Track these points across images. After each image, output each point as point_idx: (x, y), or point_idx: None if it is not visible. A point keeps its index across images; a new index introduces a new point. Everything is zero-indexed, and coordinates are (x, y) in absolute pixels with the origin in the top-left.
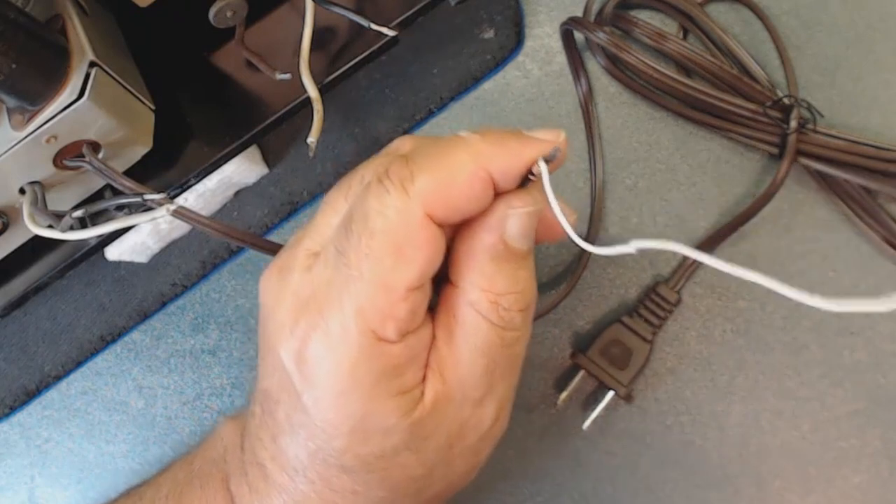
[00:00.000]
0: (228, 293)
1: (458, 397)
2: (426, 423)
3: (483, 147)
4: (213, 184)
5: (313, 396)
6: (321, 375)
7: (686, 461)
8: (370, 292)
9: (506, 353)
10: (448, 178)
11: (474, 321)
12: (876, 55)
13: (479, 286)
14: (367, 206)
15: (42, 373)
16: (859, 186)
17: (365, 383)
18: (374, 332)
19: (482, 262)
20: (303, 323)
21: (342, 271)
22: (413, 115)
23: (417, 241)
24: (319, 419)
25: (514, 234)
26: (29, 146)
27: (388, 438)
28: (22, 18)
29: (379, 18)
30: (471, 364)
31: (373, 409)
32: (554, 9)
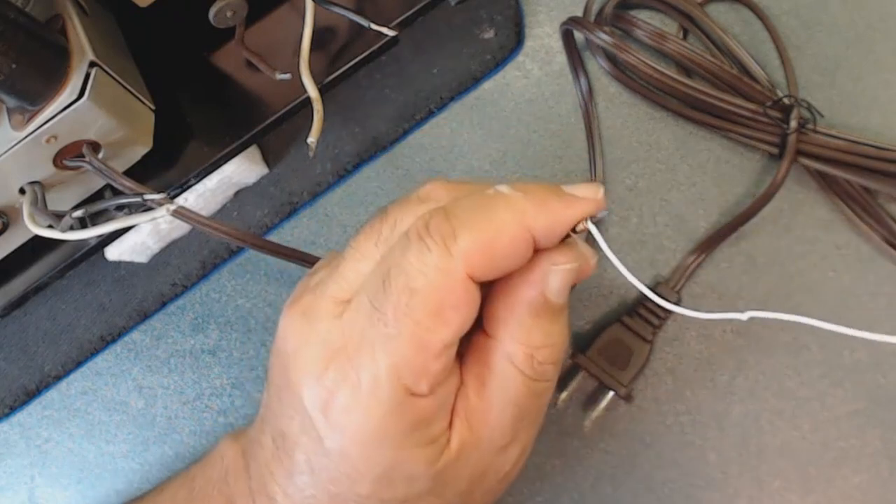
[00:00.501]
0: (228, 293)
1: (485, 446)
2: (450, 471)
3: (527, 207)
4: (213, 184)
5: (339, 445)
6: (349, 426)
7: (686, 461)
8: (406, 351)
9: (535, 402)
10: (492, 238)
11: (509, 373)
12: (876, 55)
13: (517, 339)
14: (406, 262)
15: (42, 373)
16: (859, 186)
17: (394, 435)
18: (407, 388)
19: (521, 316)
20: (332, 373)
21: (378, 328)
22: (413, 115)
23: (458, 301)
24: (344, 466)
25: (555, 290)
26: (29, 146)
27: (412, 485)
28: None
29: (379, 18)
30: (500, 414)
31: (401, 460)
32: (554, 9)
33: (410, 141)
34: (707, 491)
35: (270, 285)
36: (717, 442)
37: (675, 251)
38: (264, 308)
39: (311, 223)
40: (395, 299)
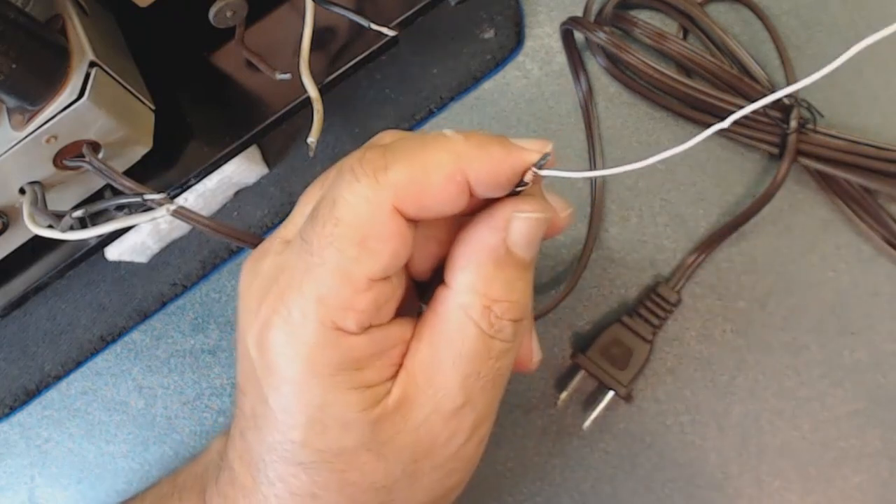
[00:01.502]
0: (228, 293)
1: (429, 404)
2: (388, 424)
3: (464, 148)
4: (213, 184)
5: (273, 384)
6: (281, 362)
7: (686, 461)
8: (331, 281)
9: (490, 365)
10: (422, 173)
11: (462, 324)
12: (876, 55)
13: (474, 288)
14: (335, 193)
15: (42, 373)
16: (859, 186)
17: (323, 372)
18: (334, 322)
19: (481, 264)
20: (265, 307)
21: (304, 258)
22: (413, 115)
23: (383, 233)
24: (278, 408)
25: (519, 241)
26: (29, 146)
27: (346, 433)
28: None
29: (379, 18)
30: (450, 370)
31: (331, 400)
32: (554, 9)
33: None
34: (707, 491)
35: None
36: (717, 442)
37: (675, 251)
38: None
39: None
40: (319, 229)
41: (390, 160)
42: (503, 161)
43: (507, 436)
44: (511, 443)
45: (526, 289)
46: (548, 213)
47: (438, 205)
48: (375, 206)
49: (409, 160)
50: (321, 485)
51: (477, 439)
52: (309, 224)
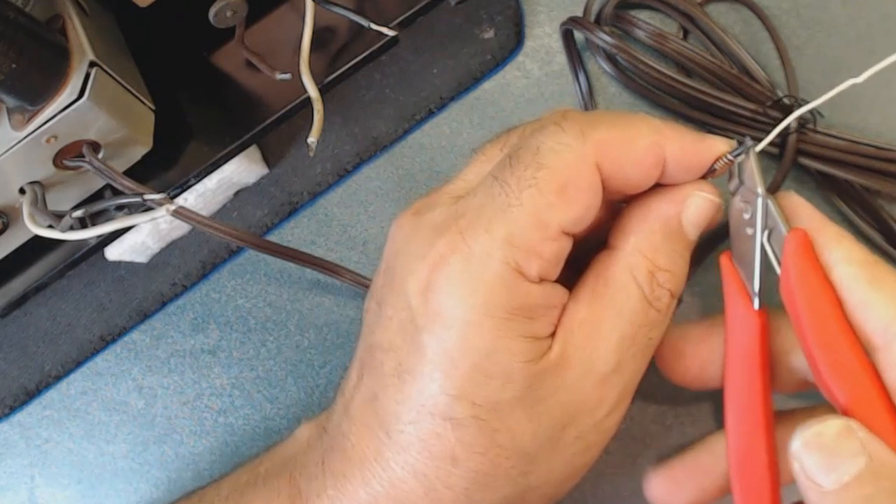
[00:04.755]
0: (228, 293)
1: (584, 365)
2: (546, 381)
3: (664, 128)
4: (213, 184)
5: (435, 330)
6: (451, 303)
7: None
8: (524, 223)
9: (644, 333)
10: (626, 137)
11: (625, 284)
12: (876, 55)
13: (642, 251)
14: (537, 141)
15: (42, 373)
16: (859, 186)
17: (497, 314)
18: (518, 265)
19: (653, 231)
20: (438, 248)
21: (497, 199)
22: (413, 115)
23: (583, 185)
24: (438, 356)
25: (692, 218)
26: (29, 146)
27: (506, 386)
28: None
29: (379, 18)
30: (608, 330)
31: (500, 346)
32: (554, 9)
33: (410, 141)
34: None
35: (270, 285)
36: None
37: None
38: (264, 308)
39: (311, 223)
40: (520, 171)
41: (595, 120)
42: (697, 144)
43: None
44: None
45: (685, 269)
46: (719, 203)
47: (634, 173)
48: (580, 158)
49: (614, 124)
50: (467, 445)
51: (618, 414)
52: (507, 167)
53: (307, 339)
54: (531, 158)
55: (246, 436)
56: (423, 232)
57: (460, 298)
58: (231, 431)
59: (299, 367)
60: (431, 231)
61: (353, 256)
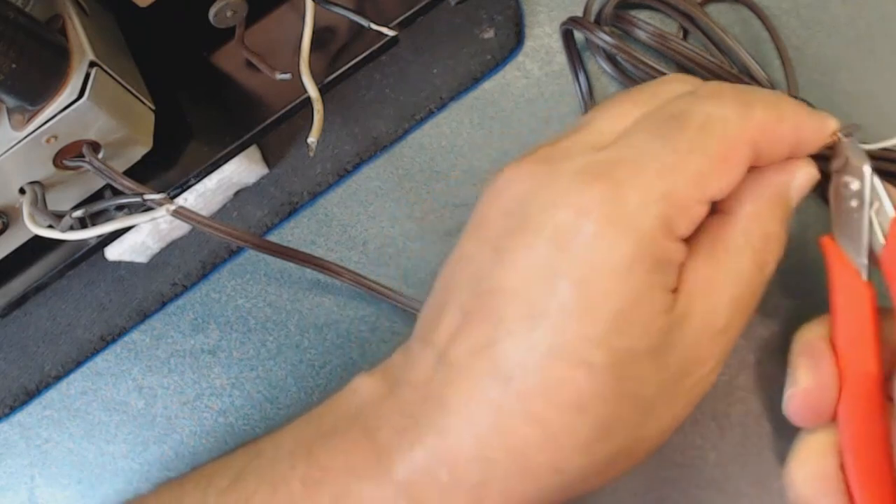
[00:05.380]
0: (228, 293)
1: (702, 319)
2: (674, 333)
3: (802, 107)
4: (213, 184)
5: (578, 275)
6: (598, 249)
7: (686, 461)
8: (686, 182)
9: (750, 295)
10: (777, 119)
11: (741, 248)
12: (876, 55)
13: (758, 217)
14: (706, 109)
15: (42, 373)
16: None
17: (646, 265)
18: (671, 220)
19: (767, 198)
20: (593, 192)
21: (660, 156)
22: (413, 115)
23: (741, 156)
24: (580, 301)
25: (798, 188)
26: (29, 146)
27: (645, 335)
28: (22, 18)
29: (379, 18)
30: (725, 288)
31: (644, 296)
32: (554, 9)
33: (410, 141)
34: (707, 491)
35: (270, 285)
36: (717, 442)
37: None
38: (264, 308)
39: (311, 223)
40: (691, 135)
41: (751, 99)
42: (818, 122)
43: None
44: None
45: (784, 238)
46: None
47: (779, 150)
48: (743, 132)
49: (767, 103)
50: (597, 392)
51: (715, 375)
52: (675, 128)
53: (307, 339)
54: (701, 124)
55: (246, 436)
56: (565, 177)
57: (611, 245)
58: (231, 431)
59: (299, 367)
60: (576, 177)
61: (353, 256)
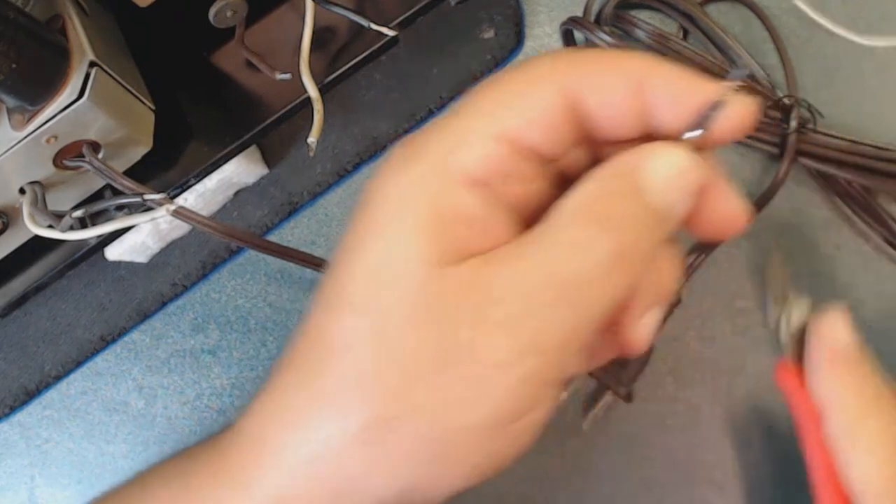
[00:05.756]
0: (228, 293)
1: (487, 297)
2: (442, 296)
3: (650, 58)
4: (213, 184)
5: (360, 216)
6: (381, 186)
7: (686, 461)
8: (472, 116)
9: (566, 281)
10: (610, 59)
11: (559, 222)
12: (876, 55)
13: (588, 193)
14: (532, 61)
15: (42, 373)
16: (859, 186)
17: (415, 200)
18: (453, 154)
19: (609, 176)
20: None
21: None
22: (413, 115)
23: (544, 92)
24: (349, 242)
25: (655, 177)
26: (29, 146)
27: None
28: (22, 18)
29: (379, 18)
30: (524, 268)
31: (406, 235)
32: (554, 9)
33: None
34: (707, 491)
35: (270, 285)
36: (716, 442)
37: None
38: (264, 308)
39: (311, 223)
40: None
41: (579, 49)
42: (692, 77)
43: None
44: None
45: (643, 232)
46: (698, 167)
47: (613, 98)
48: (549, 68)
49: (601, 51)
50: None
51: (522, 371)
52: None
53: None
54: (515, 69)
55: None
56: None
57: (393, 179)
58: None
59: None
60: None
61: None
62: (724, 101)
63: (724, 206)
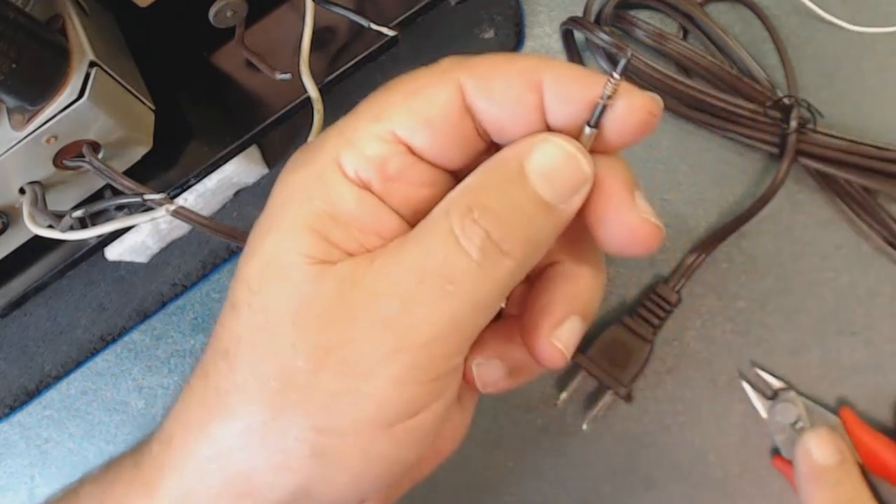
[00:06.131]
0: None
1: (366, 293)
2: (320, 292)
3: (547, 57)
4: (213, 184)
5: (261, 217)
6: (275, 188)
7: (686, 461)
8: (362, 115)
9: (441, 274)
10: (501, 61)
11: (435, 217)
12: (876, 55)
13: (465, 187)
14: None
15: (42, 373)
16: (859, 186)
17: (299, 199)
18: (338, 156)
19: (487, 170)
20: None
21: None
22: None
23: (436, 94)
24: (248, 242)
25: (539, 168)
26: (29, 146)
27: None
28: (22, 18)
29: (379, 18)
30: (401, 262)
31: (288, 232)
32: (554, 9)
33: None
34: (707, 491)
35: None
36: (717, 442)
37: (675, 251)
38: None
39: None
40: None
41: (471, 58)
42: (583, 74)
43: (506, 436)
44: (511, 443)
45: (527, 225)
46: (584, 159)
47: (506, 97)
48: (441, 71)
49: (488, 56)
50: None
51: (397, 370)
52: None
53: None
54: (384, 87)
55: None
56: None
57: (283, 180)
58: None
59: None
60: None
61: None
62: (612, 99)
63: (628, 218)
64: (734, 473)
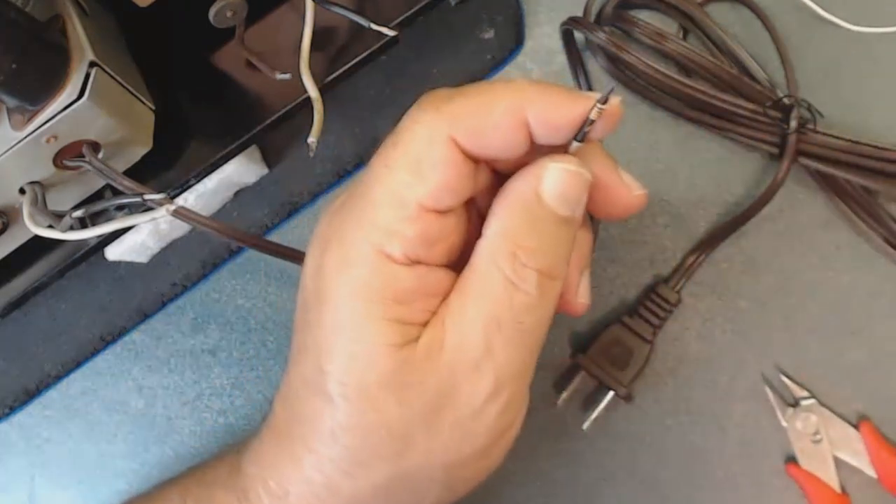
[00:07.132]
0: (228, 293)
1: (453, 352)
2: (413, 368)
3: (527, 87)
4: (213, 184)
5: (319, 311)
6: (330, 285)
7: (686, 461)
8: (383, 202)
9: (511, 316)
10: (483, 104)
11: (487, 269)
12: (876, 55)
13: (502, 232)
14: (400, 122)
15: (42, 373)
16: (859, 186)
17: (364, 297)
18: (381, 246)
19: (512, 211)
20: (328, 233)
21: (364, 182)
22: None
23: (437, 158)
24: (319, 335)
25: (552, 191)
26: (29, 146)
27: (370, 368)
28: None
29: (379, 18)
30: (473, 316)
31: (365, 328)
32: (554, 9)
33: None
34: (707, 491)
35: (270, 285)
36: (717, 442)
37: (675, 251)
38: (264, 308)
39: (311, 223)
40: (381, 151)
41: (455, 94)
42: (565, 100)
43: None
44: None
45: (559, 245)
46: (585, 171)
47: (496, 141)
48: (432, 132)
49: (473, 94)
50: (339, 421)
51: (499, 405)
52: (375, 153)
53: None
54: (390, 139)
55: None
56: (327, 217)
57: (337, 280)
58: (231, 431)
59: None
60: (330, 217)
61: None
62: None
63: (620, 193)
64: (734, 473)
